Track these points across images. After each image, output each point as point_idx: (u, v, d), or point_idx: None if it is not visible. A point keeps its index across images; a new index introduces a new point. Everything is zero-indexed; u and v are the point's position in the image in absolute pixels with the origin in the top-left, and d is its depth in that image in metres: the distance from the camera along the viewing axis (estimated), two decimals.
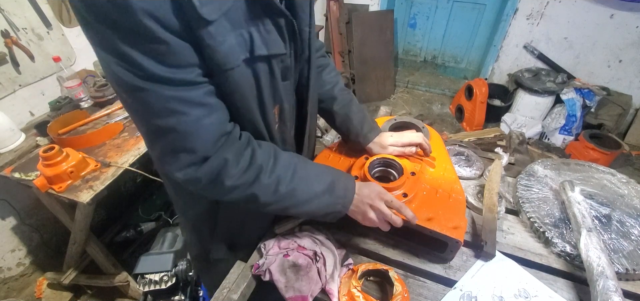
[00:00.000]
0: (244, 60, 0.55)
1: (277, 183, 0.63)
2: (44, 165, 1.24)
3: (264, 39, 0.57)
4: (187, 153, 0.55)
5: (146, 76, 0.48)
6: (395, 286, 0.70)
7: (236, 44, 0.53)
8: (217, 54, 0.51)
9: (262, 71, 0.60)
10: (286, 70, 0.66)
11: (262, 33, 0.56)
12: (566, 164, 1.05)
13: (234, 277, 0.77)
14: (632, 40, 2.68)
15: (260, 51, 0.57)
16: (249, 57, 0.56)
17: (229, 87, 0.56)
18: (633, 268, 0.75)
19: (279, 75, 0.64)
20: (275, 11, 0.57)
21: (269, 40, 0.58)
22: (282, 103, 0.69)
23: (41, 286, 1.78)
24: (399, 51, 3.97)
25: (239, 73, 0.56)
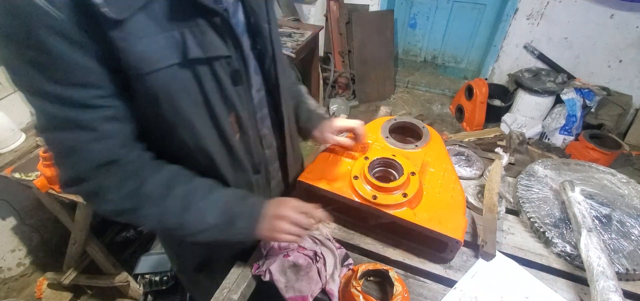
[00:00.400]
0: (177, 64, 0.51)
1: (163, 214, 0.59)
2: (44, 165, 1.24)
3: (198, 40, 0.52)
4: (66, 169, 0.53)
5: (33, 90, 0.46)
6: (396, 287, 0.70)
7: (165, 45, 0.49)
8: (132, 56, 0.47)
9: (205, 75, 0.55)
10: (236, 74, 0.61)
11: (196, 34, 0.52)
12: (566, 164, 1.05)
13: (234, 277, 0.77)
14: (633, 40, 2.68)
15: (195, 53, 0.52)
16: (181, 60, 0.51)
17: (154, 93, 0.51)
18: (633, 268, 0.75)
19: (226, 80, 0.59)
20: (207, 10, 0.52)
21: (205, 42, 0.53)
22: (237, 110, 0.63)
23: (41, 287, 1.78)
24: (399, 51, 3.97)
25: (165, 77, 0.51)
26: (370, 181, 0.82)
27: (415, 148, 0.99)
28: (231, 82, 0.60)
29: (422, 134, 1.05)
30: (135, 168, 0.57)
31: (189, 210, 0.60)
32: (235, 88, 0.62)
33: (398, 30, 3.76)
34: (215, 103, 0.59)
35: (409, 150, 0.99)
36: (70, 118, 0.48)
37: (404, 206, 0.79)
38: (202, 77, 0.55)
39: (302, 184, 0.89)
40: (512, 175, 1.07)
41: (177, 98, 0.54)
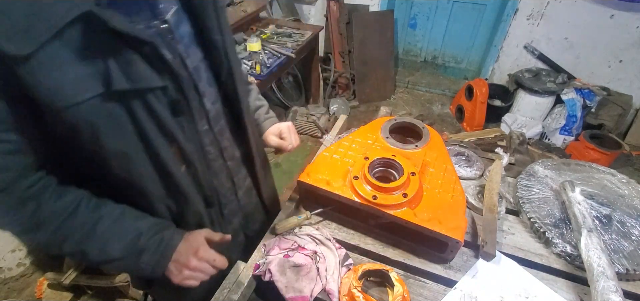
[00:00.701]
0: (99, 96, 0.47)
1: (62, 241, 0.56)
2: None
3: (125, 72, 0.48)
4: None
5: None
6: (396, 287, 0.70)
7: (84, 76, 0.46)
8: (42, 91, 0.44)
9: (137, 107, 0.52)
10: (175, 103, 0.57)
11: (121, 65, 0.48)
12: (566, 164, 1.05)
13: (234, 277, 0.77)
14: (633, 41, 2.68)
15: (121, 85, 0.48)
16: (105, 91, 0.48)
17: (71, 128, 0.48)
18: (633, 269, 0.75)
19: (164, 111, 0.55)
20: (131, 39, 0.47)
21: (132, 73, 0.49)
22: (180, 142, 0.60)
23: (41, 287, 1.78)
24: (399, 51, 3.97)
25: (88, 110, 0.47)
26: (371, 181, 0.82)
27: (415, 148, 0.99)
28: (170, 113, 0.57)
29: (422, 134, 1.05)
30: (34, 194, 0.53)
31: (91, 238, 0.58)
32: (176, 119, 0.58)
33: (398, 30, 3.76)
34: (153, 136, 0.55)
35: (409, 150, 0.99)
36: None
37: (404, 206, 0.79)
38: (134, 109, 0.52)
39: (302, 184, 0.89)
40: (512, 175, 1.07)
41: (104, 133, 0.51)
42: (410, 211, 0.78)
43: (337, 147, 1.00)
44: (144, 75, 0.50)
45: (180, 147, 0.61)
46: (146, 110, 0.53)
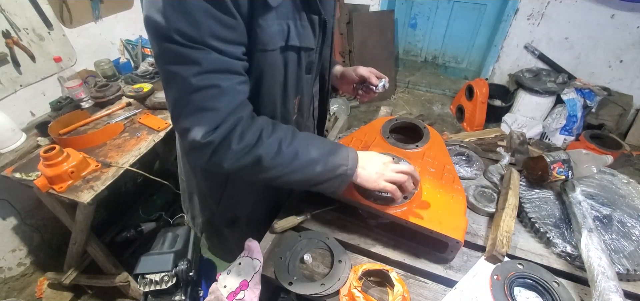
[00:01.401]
0: (281, 47, 0.63)
1: (279, 143, 0.64)
2: (44, 165, 1.24)
3: (298, 32, 0.64)
4: (213, 112, 0.58)
5: (206, 43, 0.53)
6: (396, 287, 0.70)
7: (279, 31, 0.61)
8: (265, 35, 0.59)
9: (291, 61, 0.67)
10: (311, 64, 0.73)
11: (298, 26, 0.64)
12: None
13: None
14: (633, 41, 2.68)
15: (294, 42, 0.64)
16: (284, 45, 0.63)
17: (262, 67, 0.64)
18: (634, 269, 0.75)
19: (304, 68, 0.71)
20: (313, 9, 0.65)
21: (303, 34, 0.65)
22: (303, 95, 0.75)
23: (42, 287, 1.78)
24: (400, 51, 3.97)
25: (274, 56, 0.63)
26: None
27: (415, 148, 0.99)
28: (306, 70, 0.72)
29: (423, 134, 1.05)
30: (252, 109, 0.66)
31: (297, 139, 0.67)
32: (307, 76, 0.73)
33: (398, 30, 3.76)
34: (290, 85, 0.71)
35: (410, 150, 0.99)
36: (230, 66, 0.58)
37: (404, 206, 0.79)
38: (289, 61, 0.67)
39: None
40: None
41: (271, 73, 0.66)
42: (410, 211, 0.78)
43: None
44: (308, 36, 0.67)
45: (301, 100, 0.77)
46: (296, 65, 0.69)
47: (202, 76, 0.55)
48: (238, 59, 0.59)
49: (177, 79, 0.56)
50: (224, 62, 0.56)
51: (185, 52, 0.53)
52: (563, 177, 0.92)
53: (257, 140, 0.62)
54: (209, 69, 0.55)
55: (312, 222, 0.92)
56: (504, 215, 0.85)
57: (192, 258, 1.36)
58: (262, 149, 0.62)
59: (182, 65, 0.54)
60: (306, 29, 0.66)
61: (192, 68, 0.54)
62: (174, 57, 0.54)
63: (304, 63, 0.70)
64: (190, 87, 0.55)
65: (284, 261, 0.79)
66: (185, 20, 0.51)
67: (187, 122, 0.58)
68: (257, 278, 0.75)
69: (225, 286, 0.73)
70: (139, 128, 1.57)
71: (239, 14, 0.54)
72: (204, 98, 0.57)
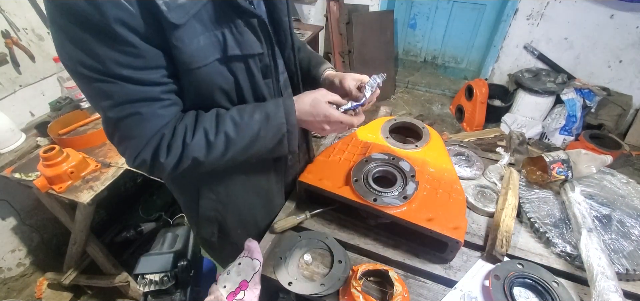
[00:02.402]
0: (217, 60, 0.60)
1: (205, 136, 0.63)
2: (44, 165, 1.24)
3: (237, 40, 0.60)
4: (135, 140, 0.59)
5: (114, 74, 0.52)
6: (396, 287, 0.70)
7: (209, 44, 0.58)
8: (184, 55, 0.55)
9: (239, 70, 0.64)
10: (266, 68, 0.69)
11: (234, 34, 0.60)
12: None
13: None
14: (633, 41, 2.68)
15: (233, 51, 0.60)
16: (221, 56, 0.60)
17: (198, 84, 0.61)
18: (633, 269, 0.75)
19: (258, 74, 0.67)
20: (246, 12, 0.60)
21: (242, 41, 0.61)
22: (265, 100, 0.71)
23: (41, 287, 1.78)
24: (399, 51, 3.97)
25: (209, 71, 0.60)
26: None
27: (415, 148, 0.99)
28: (261, 75, 0.69)
29: (422, 134, 1.05)
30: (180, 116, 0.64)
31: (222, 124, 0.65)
32: (265, 81, 0.70)
33: (398, 30, 3.76)
34: (247, 94, 0.68)
35: (409, 150, 0.99)
36: (144, 94, 0.56)
37: (404, 206, 0.79)
38: (237, 72, 0.64)
39: (302, 184, 0.89)
40: None
41: (215, 89, 0.64)
42: (410, 211, 0.78)
43: (337, 147, 1.00)
44: (249, 42, 0.63)
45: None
46: (246, 72, 0.66)
47: (118, 108, 0.55)
48: (154, 84, 0.56)
49: (100, 112, 0.57)
50: (138, 91, 0.55)
51: (97, 86, 0.53)
52: (562, 177, 0.92)
53: (184, 146, 0.62)
54: (123, 100, 0.54)
55: (312, 222, 0.92)
56: (504, 215, 0.85)
57: (192, 258, 1.36)
58: (192, 151, 0.63)
59: (98, 99, 0.55)
60: (245, 35, 0.61)
61: (106, 102, 0.54)
62: (90, 92, 0.55)
63: (255, 69, 0.66)
64: (109, 119, 0.57)
65: (284, 261, 0.79)
66: (86, 55, 0.50)
67: (119, 149, 0.62)
68: (256, 278, 0.75)
69: (225, 287, 0.73)
70: None
71: (141, 38, 0.51)
72: (125, 128, 0.57)
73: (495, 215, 0.89)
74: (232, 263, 0.78)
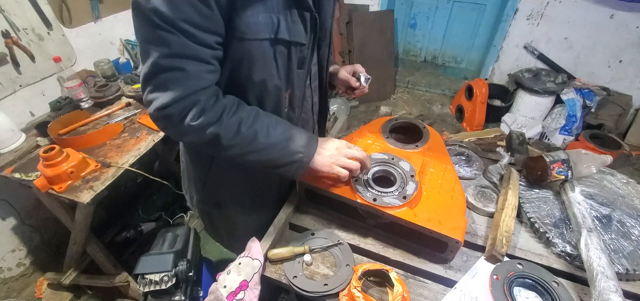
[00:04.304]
0: (267, 39, 0.65)
1: (239, 123, 0.68)
2: (44, 165, 1.24)
3: (288, 26, 0.66)
4: (173, 92, 0.61)
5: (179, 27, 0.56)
6: (396, 287, 0.70)
7: (265, 22, 0.63)
8: (242, 23, 0.61)
9: (281, 54, 0.69)
10: (302, 59, 0.74)
11: (288, 21, 0.66)
12: None
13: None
14: (632, 41, 2.68)
15: (283, 35, 0.66)
16: (272, 37, 0.65)
17: (242, 55, 0.66)
18: (633, 269, 0.75)
19: (295, 62, 0.73)
20: (304, 6, 0.67)
21: (293, 29, 0.67)
22: (294, 89, 0.78)
23: (41, 287, 1.78)
24: (399, 51, 3.97)
25: (257, 46, 0.65)
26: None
27: (415, 148, 0.99)
28: (297, 65, 0.74)
29: (422, 134, 1.05)
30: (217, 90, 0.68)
31: (258, 121, 0.71)
32: (298, 71, 0.75)
33: (398, 30, 3.76)
34: (281, 78, 0.73)
35: (409, 150, 0.99)
36: (197, 53, 0.60)
37: (404, 206, 0.79)
38: (278, 55, 0.69)
39: (302, 184, 0.89)
40: None
41: (257, 65, 0.68)
42: (410, 211, 0.78)
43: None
44: (298, 32, 0.69)
45: (292, 93, 0.79)
46: (286, 58, 0.71)
47: (170, 59, 0.58)
48: (209, 47, 0.61)
49: (149, 56, 0.59)
50: (193, 49, 0.59)
51: (158, 33, 0.56)
52: (562, 177, 0.92)
53: (217, 119, 0.66)
54: (177, 52, 0.58)
55: (312, 221, 0.92)
56: (504, 215, 0.85)
57: (191, 258, 1.36)
58: (220, 128, 0.66)
59: (153, 44, 0.58)
60: (297, 25, 0.67)
61: (162, 49, 0.58)
62: (149, 35, 0.58)
63: (294, 57, 0.72)
64: (158, 66, 0.59)
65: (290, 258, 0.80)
66: (163, 1, 0.53)
67: (151, 95, 0.63)
68: (257, 278, 0.75)
69: (225, 286, 0.73)
70: (138, 128, 1.57)
71: (218, 5, 0.57)
72: (169, 79, 0.60)
73: (495, 215, 0.89)
74: (232, 262, 0.78)
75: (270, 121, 0.73)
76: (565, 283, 0.75)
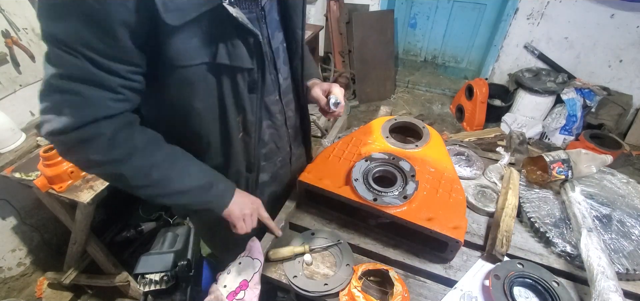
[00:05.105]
0: (205, 63, 0.61)
1: (150, 167, 0.64)
2: (44, 165, 1.24)
3: (228, 51, 0.62)
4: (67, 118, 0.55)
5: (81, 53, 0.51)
6: (396, 286, 0.70)
7: (199, 46, 0.59)
8: (171, 50, 0.56)
9: (225, 80, 0.66)
10: (253, 83, 0.70)
11: (228, 46, 0.62)
12: None
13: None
14: (633, 40, 2.68)
15: (223, 60, 0.62)
16: (210, 61, 0.61)
17: (180, 84, 0.63)
18: (633, 268, 0.75)
19: (244, 87, 0.69)
20: (244, 30, 0.62)
21: (234, 54, 0.63)
22: (246, 113, 0.73)
23: (41, 286, 1.78)
24: (399, 51, 3.97)
25: (194, 73, 0.62)
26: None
27: (415, 148, 0.99)
28: (247, 90, 0.70)
29: (423, 134, 1.05)
30: (131, 122, 0.63)
31: (175, 167, 0.68)
32: (250, 95, 0.71)
33: (398, 30, 3.76)
34: (228, 104, 0.70)
35: (409, 150, 0.99)
36: (100, 80, 0.54)
37: (404, 206, 0.79)
38: (223, 81, 0.66)
39: (302, 184, 0.89)
40: None
41: (197, 92, 0.65)
42: (410, 211, 0.78)
43: (337, 147, 1.00)
44: (240, 56, 0.64)
45: (244, 118, 0.75)
46: (231, 84, 0.67)
47: (66, 81, 0.53)
48: (117, 75, 0.55)
49: (46, 72, 0.54)
50: (94, 74, 0.53)
51: (56, 51, 0.51)
52: (563, 177, 0.92)
53: (124, 159, 0.61)
54: (74, 75, 0.53)
55: (312, 221, 0.92)
56: (504, 214, 0.85)
57: (192, 258, 1.36)
58: (127, 169, 0.62)
59: (50, 62, 0.53)
60: (238, 49, 0.63)
61: (58, 69, 0.53)
62: (49, 51, 0.53)
63: (241, 83, 0.68)
64: (51, 85, 0.54)
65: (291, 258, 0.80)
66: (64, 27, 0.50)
67: (43, 116, 0.57)
68: (257, 277, 0.75)
69: (225, 286, 0.73)
70: None
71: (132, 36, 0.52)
72: (64, 102, 0.55)
73: (495, 215, 0.89)
74: (232, 262, 0.78)
75: (187, 166, 0.70)
76: (565, 283, 0.75)
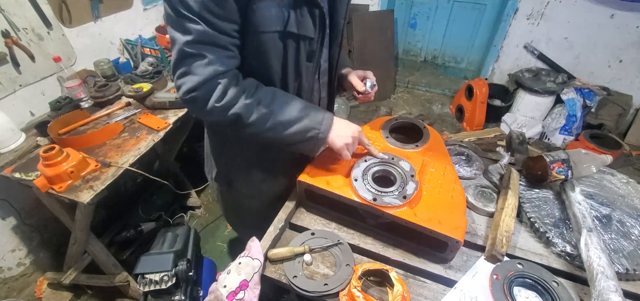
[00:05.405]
0: (276, 31, 0.70)
1: (257, 103, 0.74)
2: (44, 165, 1.24)
3: (297, 20, 0.71)
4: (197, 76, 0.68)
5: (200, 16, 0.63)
6: (396, 287, 0.70)
7: (276, 15, 0.68)
8: (257, 17, 0.67)
9: (290, 46, 0.74)
10: (311, 53, 0.79)
11: (298, 16, 0.71)
12: None
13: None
14: (633, 40, 2.68)
15: (292, 28, 0.71)
16: (281, 30, 0.70)
17: (258, 47, 0.72)
18: (633, 268, 0.75)
19: (304, 55, 0.78)
20: (314, 3, 0.71)
21: (302, 23, 0.72)
22: (302, 80, 0.82)
23: (41, 286, 1.78)
24: (399, 51, 3.97)
25: (268, 39, 0.71)
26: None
27: (415, 148, 0.99)
28: (306, 57, 0.79)
29: (423, 134, 1.05)
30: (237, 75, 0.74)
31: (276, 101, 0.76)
32: (307, 63, 0.80)
33: (398, 30, 3.76)
34: (290, 70, 0.78)
35: (409, 150, 0.99)
36: (217, 40, 0.67)
37: (404, 206, 0.79)
38: (288, 47, 0.74)
39: (302, 184, 0.89)
40: None
41: (269, 57, 0.74)
42: (410, 211, 0.78)
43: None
44: (307, 27, 0.73)
45: (300, 84, 0.83)
46: (295, 50, 0.76)
47: (193, 45, 0.66)
48: (227, 34, 0.67)
49: (176, 43, 0.67)
50: (212, 36, 0.66)
51: (182, 22, 0.64)
52: (562, 177, 0.92)
53: (238, 100, 0.72)
54: (198, 39, 0.65)
55: (312, 221, 0.92)
56: (504, 214, 0.85)
57: (191, 258, 1.36)
58: (241, 108, 0.72)
59: (179, 32, 0.66)
60: (306, 19, 0.72)
61: (186, 37, 0.65)
62: (176, 24, 0.66)
63: (303, 51, 0.76)
64: (183, 52, 0.67)
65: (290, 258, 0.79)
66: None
67: (179, 80, 0.71)
68: (257, 277, 0.75)
69: (225, 286, 0.73)
70: (138, 128, 1.57)
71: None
72: (193, 64, 0.68)
73: (495, 215, 0.89)
74: (232, 262, 0.78)
75: (287, 100, 0.78)
76: (565, 283, 0.75)
